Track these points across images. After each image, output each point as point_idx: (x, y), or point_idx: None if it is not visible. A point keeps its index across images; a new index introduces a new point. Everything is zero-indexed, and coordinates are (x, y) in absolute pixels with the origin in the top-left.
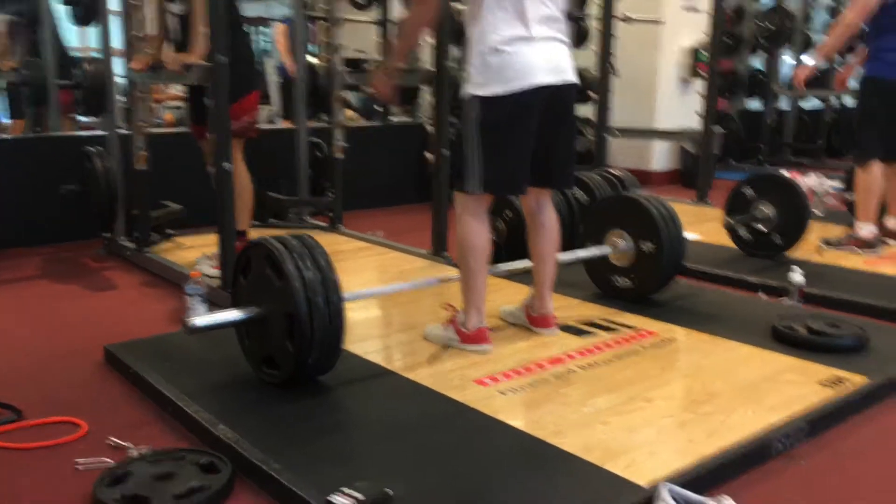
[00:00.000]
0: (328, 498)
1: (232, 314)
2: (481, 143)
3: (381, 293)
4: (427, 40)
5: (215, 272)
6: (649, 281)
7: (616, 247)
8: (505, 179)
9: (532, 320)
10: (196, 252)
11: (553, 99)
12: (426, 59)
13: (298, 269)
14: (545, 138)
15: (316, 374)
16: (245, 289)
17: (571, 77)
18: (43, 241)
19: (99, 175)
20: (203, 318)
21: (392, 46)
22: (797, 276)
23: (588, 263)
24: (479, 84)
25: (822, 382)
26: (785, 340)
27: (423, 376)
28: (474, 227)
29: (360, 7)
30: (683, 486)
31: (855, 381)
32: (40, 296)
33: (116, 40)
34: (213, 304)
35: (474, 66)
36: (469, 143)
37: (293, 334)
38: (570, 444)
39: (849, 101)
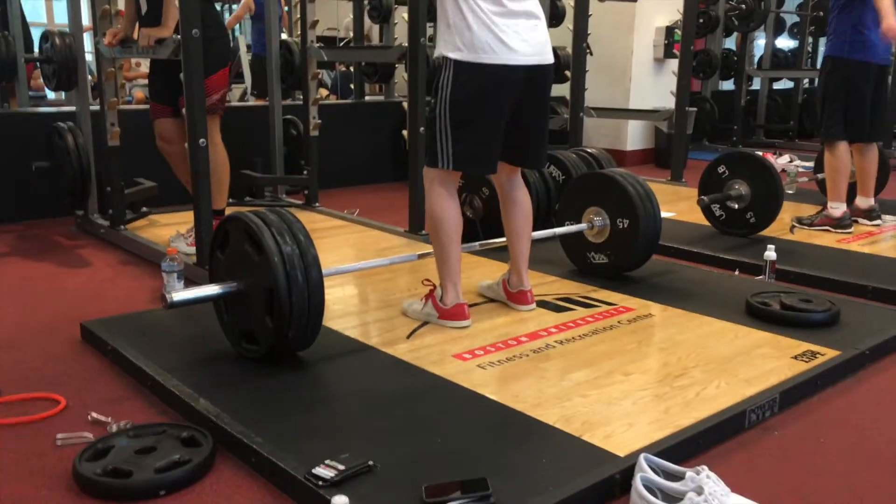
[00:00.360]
0: (311, 470)
1: (210, 289)
2: (451, 119)
3: (360, 268)
4: (402, 17)
5: (191, 249)
6: (625, 257)
7: (592, 223)
8: (475, 157)
9: (510, 296)
10: (171, 230)
11: (531, 78)
12: (401, 36)
13: (277, 243)
14: (521, 117)
15: (296, 350)
16: (223, 264)
17: (550, 57)
18: (14, 218)
19: (71, 151)
20: (181, 293)
21: None
22: (771, 253)
23: (564, 240)
24: (455, 46)
25: (795, 356)
26: (759, 316)
27: (403, 351)
28: (444, 201)
29: None
30: (661, 456)
31: (828, 354)
32: (13, 273)
33: (86, 16)
34: (191, 280)
35: (452, 25)
36: (440, 118)
37: (272, 309)
38: (549, 416)
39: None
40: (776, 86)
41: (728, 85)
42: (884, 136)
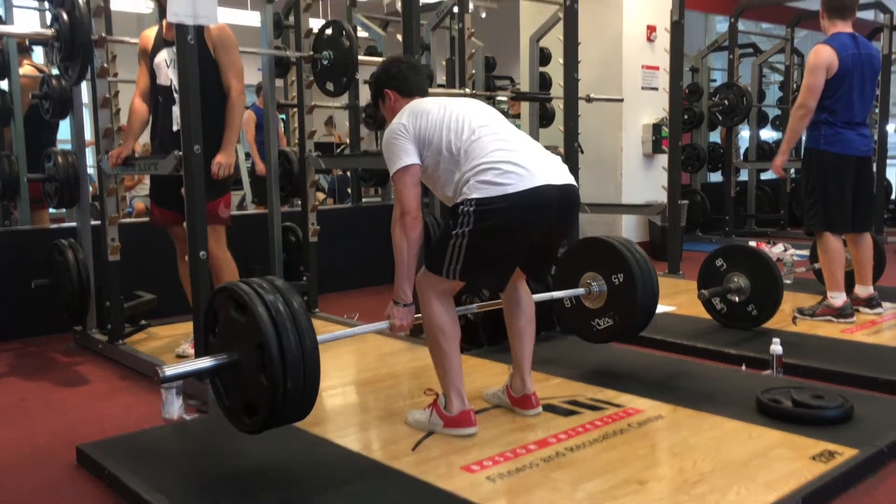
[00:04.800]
0: None
1: (203, 362)
2: (468, 247)
3: (352, 334)
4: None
5: (192, 351)
6: (629, 314)
7: (590, 288)
8: (484, 277)
9: (514, 401)
10: (170, 342)
11: (562, 200)
12: None
13: (261, 297)
14: (547, 238)
15: (298, 410)
16: (215, 347)
17: (571, 179)
18: (12, 336)
19: (71, 268)
20: (174, 367)
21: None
22: (777, 347)
23: (567, 316)
24: (475, 188)
25: (813, 457)
26: (770, 414)
27: (409, 465)
28: (442, 309)
29: (330, 94)
30: None
31: (846, 454)
32: (10, 394)
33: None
34: (189, 395)
35: (463, 179)
36: (456, 240)
37: (264, 364)
38: None
39: None
40: (763, 176)
41: (716, 177)
42: (868, 227)
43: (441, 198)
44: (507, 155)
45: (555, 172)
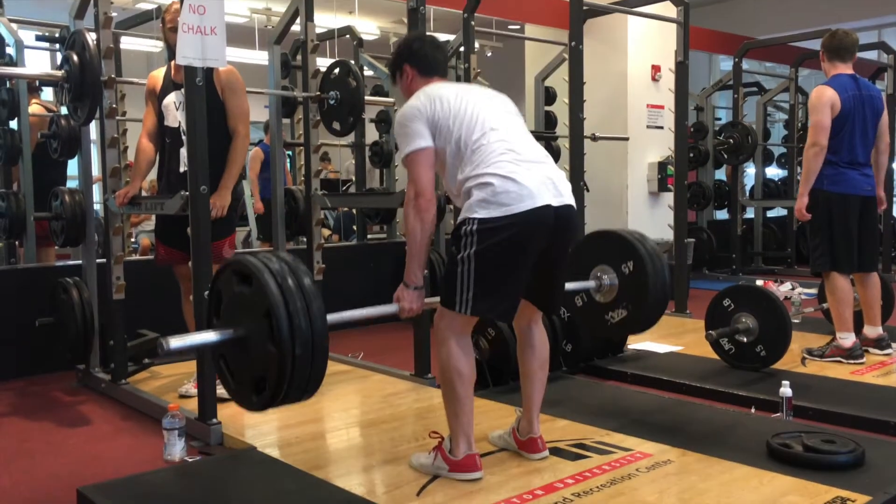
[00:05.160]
0: None
1: (208, 335)
2: (476, 271)
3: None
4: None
5: (195, 391)
6: (643, 303)
7: (600, 281)
8: (496, 307)
9: (520, 444)
10: (173, 381)
11: (559, 220)
12: (402, 178)
13: (266, 265)
14: (548, 262)
15: (304, 378)
16: (220, 325)
17: (571, 199)
18: (15, 375)
19: (75, 306)
20: (179, 339)
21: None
22: (787, 389)
23: (581, 313)
24: (477, 205)
25: None
26: (781, 459)
27: None
28: (459, 351)
29: (337, 134)
30: None
31: (859, 500)
32: (12, 435)
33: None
34: (192, 437)
35: (468, 187)
36: (463, 266)
37: (272, 331)
38: None
39: None
40: (770, 213)
41: (722, 214)
42: (875, 266)
43: (445, 187)
44: (511, 169)
45: (555, 192)
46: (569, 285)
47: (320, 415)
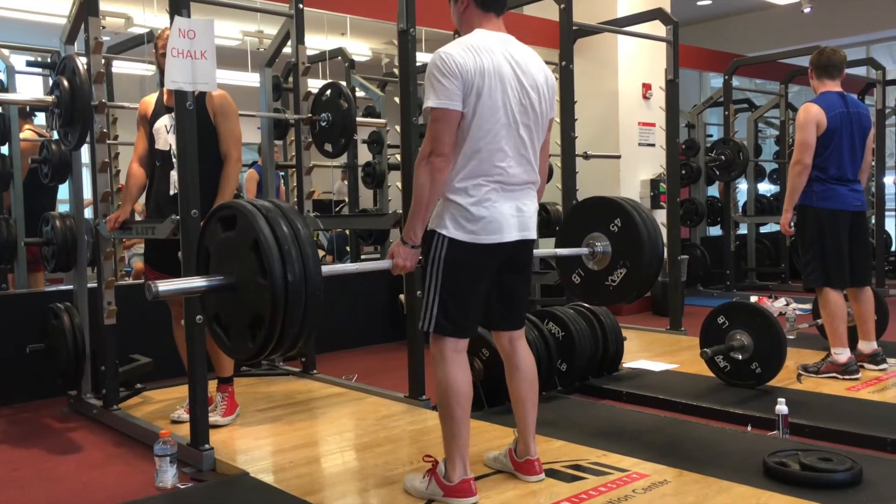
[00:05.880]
0: None
1: (197, 281)
2: (442, 286)
3: (355, 269)
4: (396, 184)
5: (187, 416)
6: (639, 258)
7: (593, 248)
8: (457, 322)
9: (517, 466)
10: (166, 406)
11: (517, 247)
12: (395, 199)
13: (251, 203)
14: (505, 283)
15: (299, 312)
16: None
17: (534, 233)
18: (4, 402)
19: (66, 332)
20: (168, 284)
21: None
22: (782, 407)
23: (584, 286)
24: (450, 224)
25: None
26: (778, 477)
27: None
28: (456, 372)
29: (329, 156)
30: None
31: None
32: (1, 464)
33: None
34: (184, 463)
35: (449, 201)
36: (431, 280)
37: (261, 261)
38: None
39: None
40: (763, 229)
41: (716, 230)
42: (867, 281)
43: None
44: (490, 196)
45: (520, 226)
46: (561, 251)
47: (314, 438)
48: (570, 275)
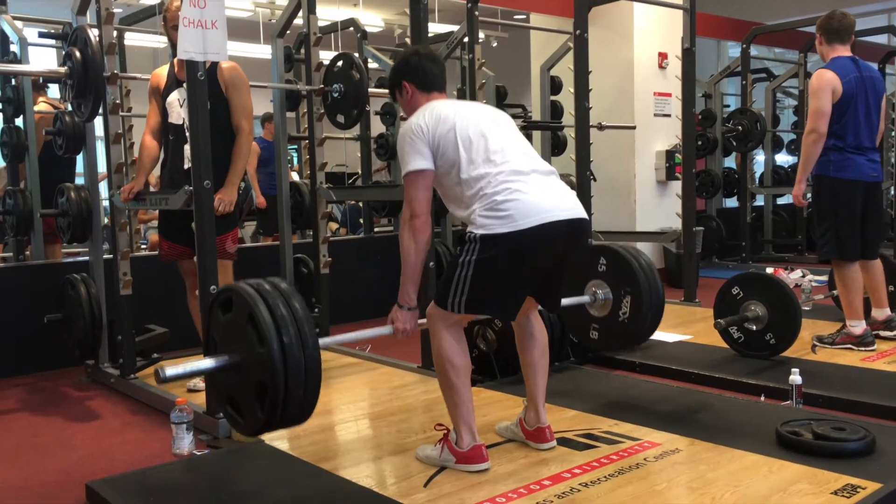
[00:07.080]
0: None
1: (206, 363)
2: (472, 279)
3: (354, 339)
4: None
5: (203, 385)
6: (635, 283)
7: (594, 296)
8: (492, 307)
9: (528, 434)
10: None
11: (573, 233)
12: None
13: (256, 289)
14: (555, 268)
15: (303, 375)
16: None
17: (583, 213)
18: (23, 371)
19: (83, 302)
20: (174, 368)
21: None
22: (796, 377)
23: (605, 338)
24: (480, 223)
25: (835, 492)
26: (790, 447)
27: (421, 501)
28: (452, 343)
29: (341, 127)
30: None
31: (869, 488)
32: (21, 430)
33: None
34: (200, 430)
35: (469, 203)
36: (461, 271)
37: (257, 331)
38: None
39: None
40: (780, 201)
41: (732, 202)
42: (875, 255)
43: (448, 207)
44: (517, 188)
45: (565, 207)
46: (566, 301)
47: (328, 407)
48: (588, 333)
